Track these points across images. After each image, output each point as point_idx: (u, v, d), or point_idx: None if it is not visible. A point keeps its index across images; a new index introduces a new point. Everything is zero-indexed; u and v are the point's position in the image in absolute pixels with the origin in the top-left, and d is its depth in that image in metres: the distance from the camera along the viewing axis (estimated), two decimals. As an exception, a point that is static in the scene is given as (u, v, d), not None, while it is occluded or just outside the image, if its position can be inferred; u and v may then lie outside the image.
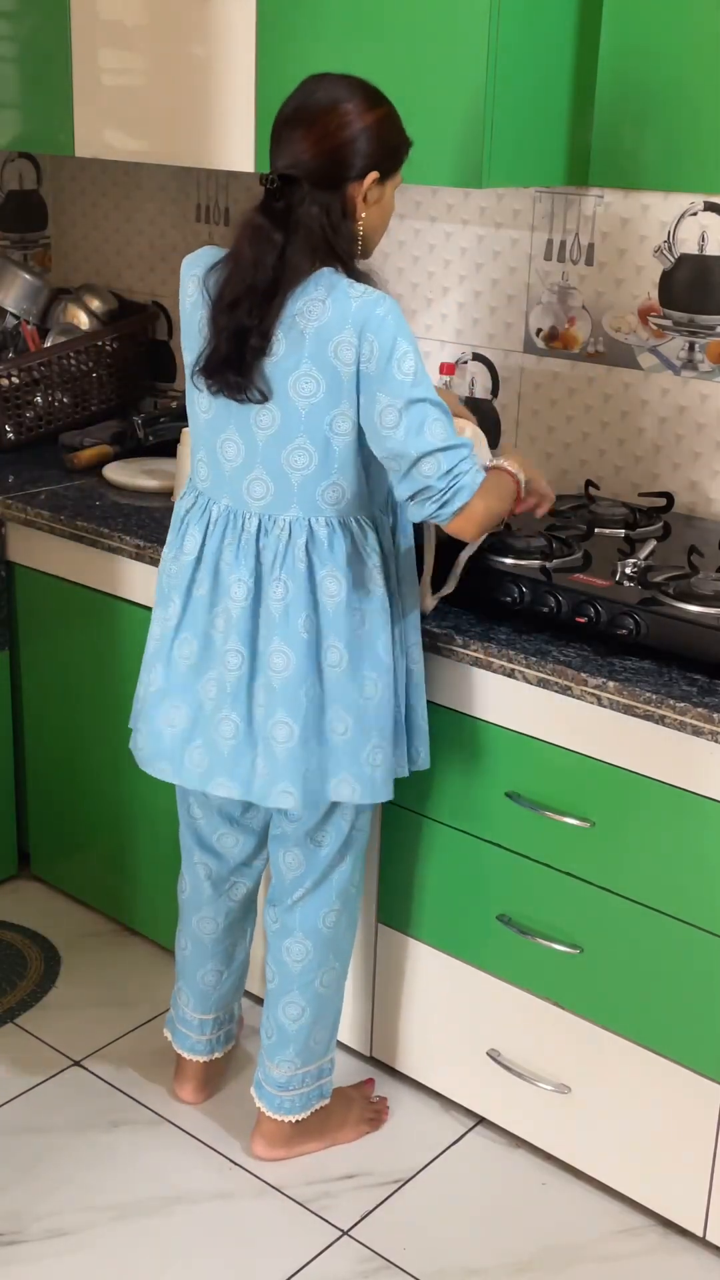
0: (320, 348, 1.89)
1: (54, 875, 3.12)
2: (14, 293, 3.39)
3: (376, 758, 2.07)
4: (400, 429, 1.89)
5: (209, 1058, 2.48)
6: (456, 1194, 2.33)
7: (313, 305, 1.89)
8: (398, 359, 1.87)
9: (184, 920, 2.42)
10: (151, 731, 2.14)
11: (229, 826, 2.30)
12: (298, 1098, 2.32)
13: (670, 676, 2.04)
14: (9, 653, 2.97)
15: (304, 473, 1.96)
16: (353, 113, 1.90)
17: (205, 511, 2.06)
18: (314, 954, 2.25)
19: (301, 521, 1.99)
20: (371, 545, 2.03)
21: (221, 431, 2.01)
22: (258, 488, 1.99)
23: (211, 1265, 2.18)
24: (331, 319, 1.88)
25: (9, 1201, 2.29)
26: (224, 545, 2.03)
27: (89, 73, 2.84)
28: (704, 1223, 2.18)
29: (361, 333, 1.87)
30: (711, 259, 2.50)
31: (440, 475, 1.91)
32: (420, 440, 1.89)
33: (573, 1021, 2.24)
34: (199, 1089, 2.50)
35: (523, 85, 2.33)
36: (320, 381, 1.91)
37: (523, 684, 2.14)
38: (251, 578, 2.02)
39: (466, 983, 2.37)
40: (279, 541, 2.00)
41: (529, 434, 2.82)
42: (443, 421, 1.90)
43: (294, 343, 1.90)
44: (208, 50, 2.62)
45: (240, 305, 1.92)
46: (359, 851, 2.25)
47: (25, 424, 3.12)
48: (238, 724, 2.05)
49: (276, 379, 1.92)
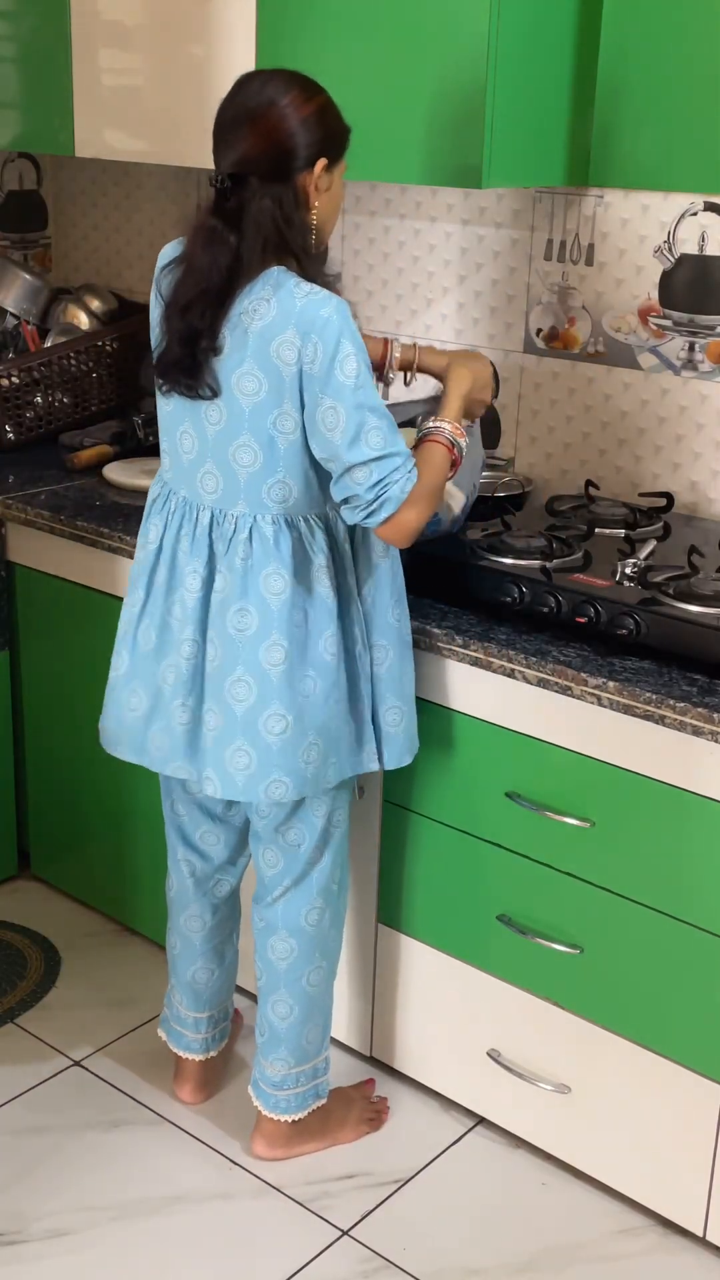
0: (263, 347, 1.90)
1: (54, 875, 3.12)
2: (14, 293, 3.39)
3: (312, 755, 2.06)
4: (338, 432, 1.89)
5: (205, 1056, 2.48)
6: (456, 1194, 2.33)
7: (258, 304, 1.90)
8: (340, 361, 1.87)
9: (172, 918, 2.44)
10: (115, 714, 2.19)
11: (211, 823, 2.31)
12: (293, 1097, 2.33)
13: (670, 676, 2.04)
14: (9, 653, 2.97)
15: (249, 469, 1.98)
16: (293, 104, 1.91)
17: (167, 502, 2.10)
18: (299, 952, 2.26)
19: (248, 517, 2.01)
20: (320, 544, 2.03)
21: (180, 424, 2.04)
22: (209, 481, 2.02)
23: (211, 1265, 2.18)
24: (275, 318, 1.89)
25: (10, 1201, 2.29)
26: (180, 535, 2.07)
27: (89, 73, 2.84)
28: (704, 1223, 2.18)
29: (305, 333, 1.87)
30: (711, 259, 2.50)
31: (370, 486, 1.91)
32: (355, 449, 1.89)
33: (573, 1021, 2.24)
34: (198, 1089, 2.50)
35: (523, 85, 2.33)
36: (262, 380, 1.91)
37: (523, 684, 2.14)
38: (205, 568, 2.05)
39: (466, 983, 2.37)
40: (227, 535, 2.02)
41: (529, 434, 2.82)
42: (381, 429, 1.90)
43: (238, 341, 1.92)
44: (208, 50, 2.62)
45: (193, 309, 1.93)
46: (338, 848, 2.25)
47: (25, 424, 3.12)
48: (192, 709, 2.09)
49: (223, 376, 1.94)
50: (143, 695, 2.14)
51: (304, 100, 1.92)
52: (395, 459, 1.91)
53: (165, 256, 2.04)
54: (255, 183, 1.90)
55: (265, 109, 1.90)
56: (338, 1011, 2.58)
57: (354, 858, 2.46)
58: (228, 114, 1.93)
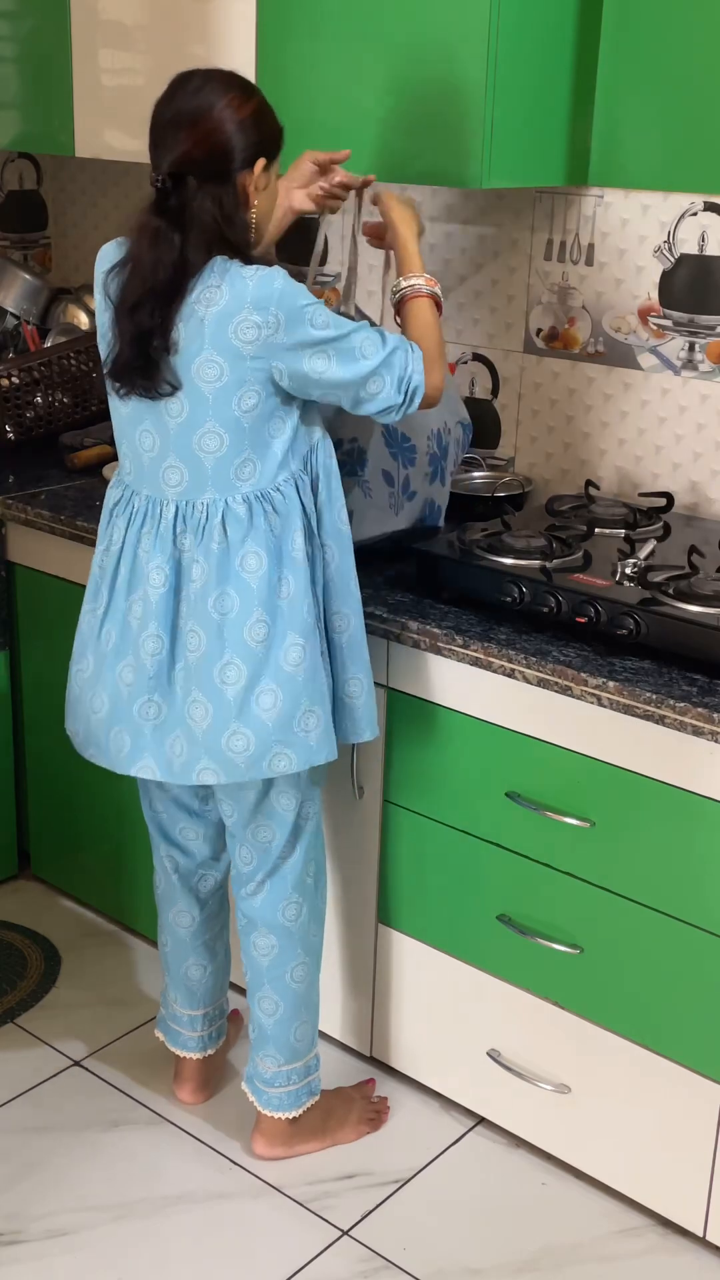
0: (220, 331, 1.93)
1: (54, 875, 3.12)
2: (14, 293, 3.39)
3: (309, 722, 2.07)
4: (334, 366, 1.96)
5: (203, 1055, 2.48)
6: (456, 1194, 2.33)
7: (208, 292, 1.93)
8: (308, 317, 1.93)
9: (161, 916, 2.45)
10: (83, 717, 2.18)
11: (189, 819, 2.32)
12: (286, 1095, 2.33)
13: (670, 676, 2.04)
14: (9, 653, 2.97)
15: (216, 455, 2.00)
16: (233, 104, 1.95)
17: (129, 504, 2.10)
18: (280, 948, 2.27)
19: (218, 503, 2.02)
20: (293, 509, 2.05)
21: (139, 424, 2.04)
22: (173, 475, 2.03)
23: (211, 1265, 2.18)
24: (229, 302, 1.92)
25: (9, 1201, 2.29)
26: (142, 534, 2.07)
27: (89, 73, 2.84)
28: (704, 1223, 2.18)
29: (263, 309, 1.91)
30: (711, 259, 2.50)
31: (394, 389, 2.00)
32: (357, 365, 1.97)
33: (573, 1021, 2.24)
34: (198, 1089, 2.50)
35: (523, 85, 2.33)
36: (223, 365, 1.94)
37: (523, 684, 2.14)
38: (169, 563, 2.05)
39: (466, 983, 2.37)
40: (198, 524, 2.03)
41: (529, 434, 2.82)
42: (368, 338, 1.98)
43: (194, 331, 1.94)
44: (208, 50, 2.62)
45: (142, 308, 1.96)
46: (310, 843, 2.25)
47: (25, 424, 3.12)
48: (160, 706, 2.08)
49: (181, 369, 1.95)
50: (104, 697, 2.13)
51: (241, 102, 1.96)
52: (396, 352, 2.00)
53: (107, 258, 2.06)
54: (194, 183, 1.94)
55: (204, 112, 1.94)
56: (338, 1011, 2.58)
57: (354, 858, 2.46)
58: (165, 115, 1.97)
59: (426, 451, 2.39)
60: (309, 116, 2.49)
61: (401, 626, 2.24)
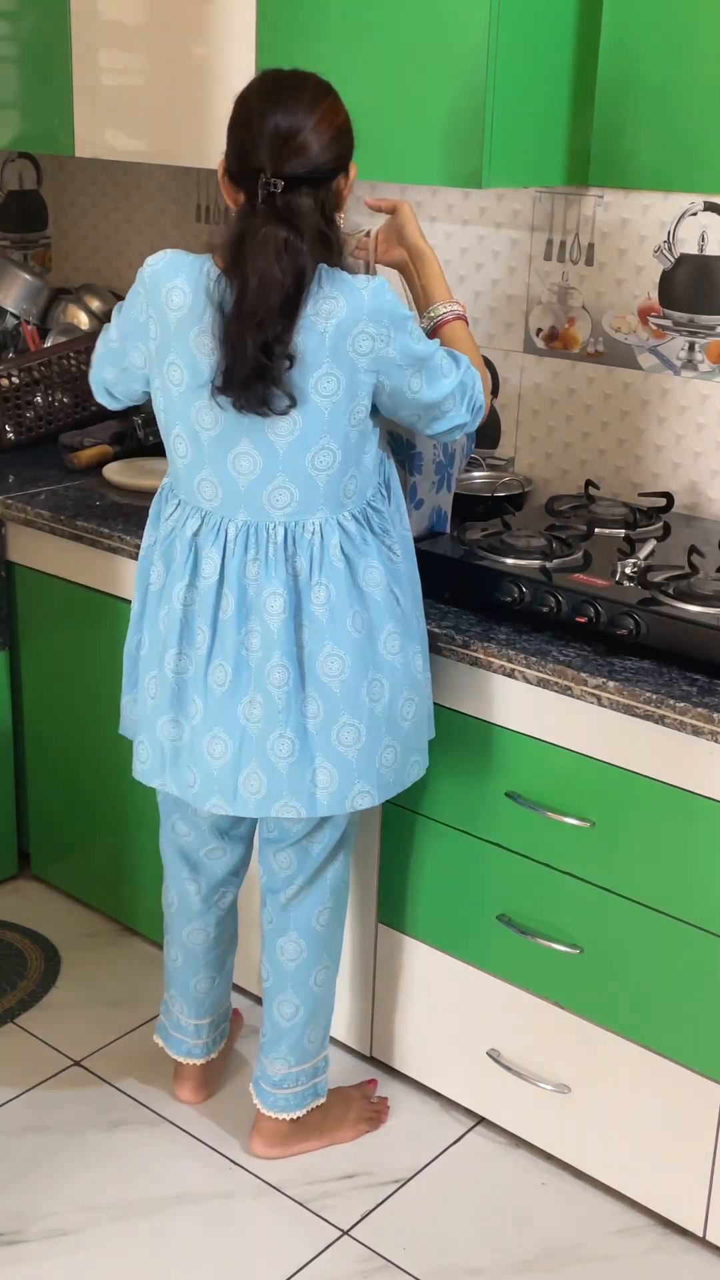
0: (340, 344, 1.89)
1: (54, 875, 3.12)
2: (14, 293, 3.39)
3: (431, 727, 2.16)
4: (424, 387, 1.97)
5: (206, 1059, 2.48)
6: (456, 1194, 2.33)
7: (325, 303, 1.88)
8: (410, 331, 1.94)
9: (173, 932, 2.42)
10: (199, 765, 2.07)
11: (220, 840, 2.30)
12: (293, 1096, 2.33)
13: (670, 676, 2.04)
14: (9, 653, 2.97)
15: (328, 473, 1.96)
16: (333, 109, 1.91)
17: (219, 531, 2.01)
18: (308, 952, 2.26)
19: (331, 522, 2.00)
20: (388, 523, 2.06)
21: (232, 448, 1.96)
22: (280, 496, 1.97)
23: (211, 1265, 2.18)
24: (347, 314, 1.88)
25: (9, 1201, 2.29)
26: (247, 561, 1.99)
27: (89, 73, 2.84)
28: (704, 1223, 2.18)
29: (377, 320, 1.90)
30: (711, 259, 2.50)
31: (465, 409, 2.03)
32: (439, 385, 1.98)
33: (573, 1021, 2.24)
34: (199, 1088, 2.50)
35: (523, 85, 2.33)
36: (340, 379, 1.91)
37: (523, 684, 2.14)
38: (286, 589, 1.99)
39: (466, 983, 2.37)
40: (312, 546, 1.99)
41: (529, 434, 2.82)
42: (446, 356, 2.00)
43: (314, 344, 1.88)
44: (208, 50, 2.62)
45: (269, 321, 1.86)
46: (350, 848, 2.27)
47: (25, 424, 3.12)
48: (293, 741, 2.02)
49: (299, 382, 1.90)
50: (226, 741, 2.04)
51: (339, 108, 1.93)
52: (467, 373, 2.03)
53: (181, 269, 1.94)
54: (305, 188, 1.88)
55: (322, 116, 1.88)
56: (338, 1011, 2.58)
57: (354, 858, 2.46)
58: (270, 119, 1.87)
59: (433, 460, 2.38)
60: (309, 116, 2.49)
61: (401, 626, 2.24)
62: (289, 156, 1.86)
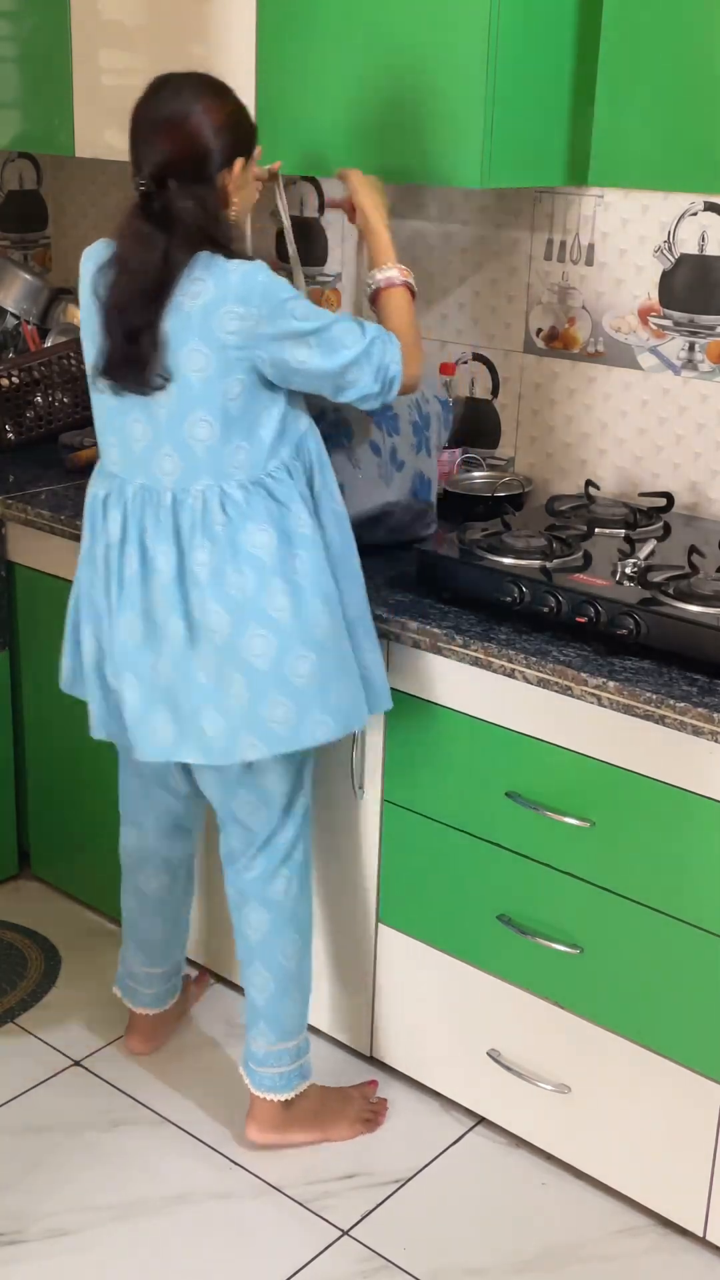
0: (206, 322, 1.98)
1: (54, 875, 3.12)
2: (14, 293, 3.39)
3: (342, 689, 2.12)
4: (315, 355, 2.01)
5: (159, 1010, 2.58)
6: (456, 1194, 2.33)
7: (194, 285, 1.99)
8: (288, 308, 1.99)
9: (127, 878, 2.51)
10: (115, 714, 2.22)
11: (160, 788, 2.38)
12: (279, 1076, 2.36)
13: (670, 676, 2.04)
14: (9, 653, 2.97)
15: (207, 443, 2.04)
16: (208, 110, 2.02)
17: (123, 494, 2.13)
18: (270, 923, 2.31)
19: (214, 488, 2.07)
20: (289, 492, 2.09)
21: (129, 414, 2.09)
22: (167, 463, 2.07)
23: (211, 1265, 2.18)
24: (214, 295, 1.98)
25: (9, 1201, 2.29)
26: (146, 522, 2.10)
27: (89, 73, 2.84)
28: (704, 1223, 2.18)
29: (246, 301, 1.97)
30: (711, 259, 2.50)
31: (371, 377, 2.06)
32: (337, 355, 2.02)
33: (573, 1021, 2.24)
34: (148, 1039, 2.60)
35: (523, 85, 2.33)
36: (209, 355, 2.00)
37: (523, 684, 2.14)
38: (174, 549, 2.08)
39: (466, 983, 2.37)
40: (197, 510, 2.07)
41: (529, 434, 2.82)
42: (350, 328, 2.03)
43: (181, 323, 1.99)
44: (208, 50, 2.62)
45: (132, 308, 2.02)
46: (300, 817, 2.29)
47: (25, 424, 3.12)
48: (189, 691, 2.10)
49: (170, 360, 2.01)
50: (137, 690, 2.14)
51: (218, 106, 2.03)
52: (375, 342, 2.05)
53: (93, 258, 2.12)
54: (176, 185, 2.01)
55: (183, 117, 2.01)
56: (338, 1011, 2.58)
57: (354, 858, 2.46)
58: (144, 120, 2.03)
59: (409, 420, 2.46)
60: (309, 116, 2.49)
61: (401, 626, 2.24)
62: (155, 157, 2.01)
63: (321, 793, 2.46)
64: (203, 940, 2.78)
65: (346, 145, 2.45)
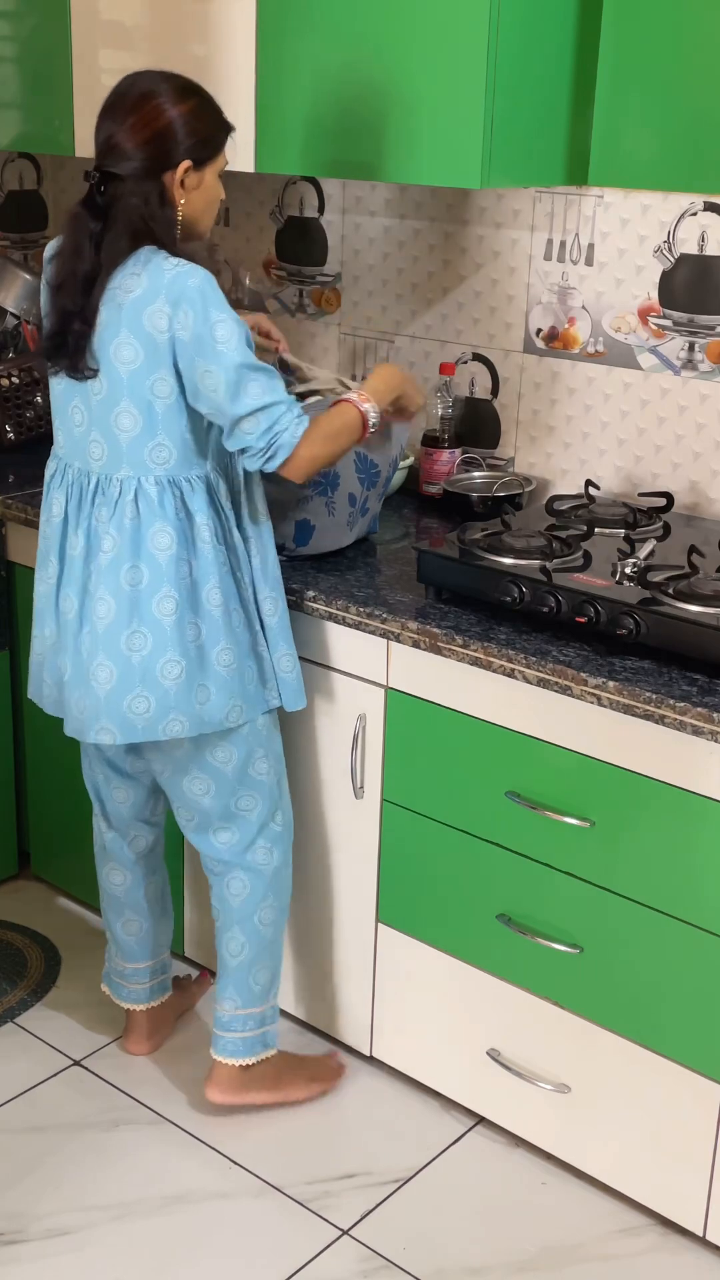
0: (136, 317, 2.02)
1: (54, 875, 3.12)
2: (14, 293, 3.38)
3: (204, 695, 2.16)
4: (220, 392, 2.03)
5: (147, 1005, 2.58)
6: (456, 1194, 2.33)
7: (128, 279, 2.03)
8: (212, 326, 2.01)
9: (98, 873, 2.55)
10: (51, 682, 2.28)
11: (121, 779, 2.41)
12: (241, 1041, 2.39)
13: (670, 676, 2.04)
14: (9, 653, 2.97)
15: (130, 434, 2.08)
16: (162, 106, 2.05)
17: (65, 476, 2.20)
18: (251, 888, 2.34)
19: (132, 480, 2.11)
20: (200, 503, 2.13)
21: (71, 399, 2.15)
22: (95, 449, 2.13)
23: (211, 1265, 2.18)
24: (145, 290, 2.02)
25: (9, 1201, 2.29)
26: (81, 504, 2.16)
27: (89, 73, 2.84)
28: (704, 1223, 2.19)
29: (175, 302, 2.00)
30: (711, 259, 2.50)
31: (260, 434, 2.05)
32: (239, 402, 2.03)
33: (573, 1021, 2.24)
34: (145, 1039, 2.60)
35: (523, 85, 2.33)
36: (138, 349, 2.03)
37: (523, 684, 2.14)
38: (87, 534, 2.15)
39: (466, 982, 2.37)
40: (113, 498, 2.12)
41: (529, 434, 2.82)
42: (260, 381, 2.04)
43: (112, 315, 2.04)
44: (208, 50, 2.62)
45: (64, 291, 2.08)
46: (266, 788, 2.32)
47: (25, 424, 3.13)
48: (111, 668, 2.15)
49: (100, 349, 2.05)
50: (68, 662, 2.21)
51: (175, 101, 2.06)
52: (279, 407, 2.05)
53: (51, 247, 2.19)
54: (125, 181, 2.05)
55: (136, 108, 2.06)
56: (338, 1011, 2.58)
57: (354, 858, 2.46)
58: (105, 105, 2.09)
59: (385, 476, 2.53)
60: (309, 116, 2.49)
61: (401, 626, 2.24)
62: (105, 153, 2.07)
63: (322, 793, 2.47)
64: (202, 940, 2.78)
65: (346, 145, 2.45)
